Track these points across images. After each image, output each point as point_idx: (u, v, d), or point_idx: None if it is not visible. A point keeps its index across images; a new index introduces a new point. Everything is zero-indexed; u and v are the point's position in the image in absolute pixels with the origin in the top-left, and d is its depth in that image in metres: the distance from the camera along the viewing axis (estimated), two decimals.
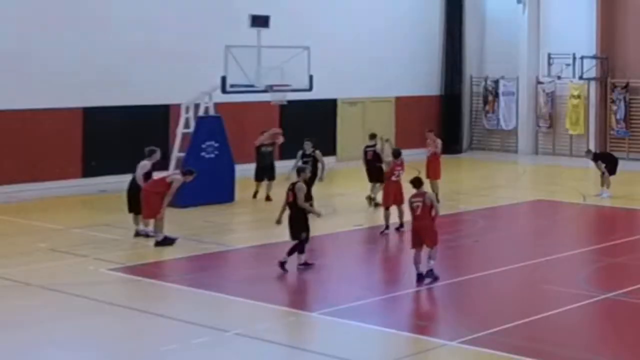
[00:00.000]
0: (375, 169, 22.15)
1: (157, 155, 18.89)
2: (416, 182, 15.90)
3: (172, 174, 19.27)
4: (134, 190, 18.66)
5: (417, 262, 15.46)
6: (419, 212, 15.49)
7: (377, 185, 21.96)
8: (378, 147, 22.54)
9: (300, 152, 22.05)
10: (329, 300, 14.27)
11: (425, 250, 15.49)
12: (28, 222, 20.28)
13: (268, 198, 23.04)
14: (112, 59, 25.83)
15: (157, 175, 18.94)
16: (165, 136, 25.63)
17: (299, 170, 17.10)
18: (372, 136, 22.94)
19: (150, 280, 15.86)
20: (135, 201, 18.54)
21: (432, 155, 23.50)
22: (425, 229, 15.48)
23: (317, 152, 21.96)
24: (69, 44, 25.12)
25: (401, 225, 19.66)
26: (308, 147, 22.06)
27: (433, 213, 15.53)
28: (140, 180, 18.53)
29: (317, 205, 22.79)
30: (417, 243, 15.54)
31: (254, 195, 23.42)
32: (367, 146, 22.74)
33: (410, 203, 15.67)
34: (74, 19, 25.31)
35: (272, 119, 29.48)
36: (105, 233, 19.00)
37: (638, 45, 32.28)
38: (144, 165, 18.68)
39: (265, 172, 23.48)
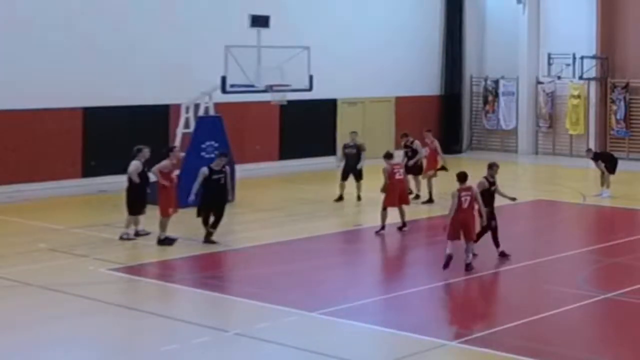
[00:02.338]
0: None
1: (146, 154, 18.83)
2: (462, 177, 16.44)
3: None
4: (133, 192, 18.66)
5: (451, 249, 15.98)
6: (466, 205, 16.08)
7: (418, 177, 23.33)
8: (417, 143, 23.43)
9: (205, 170, 18.38)
10: (329, 300, 14.26)
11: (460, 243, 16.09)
12: (28, 222, 20.28)
13: (359, 198, 23.05)
14: (112, 59, 25.83)
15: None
16: (165, 136, 25.62)
17: (490, 166, 17.61)
18: (405, 135, 23.85)
19: (150, 280, 15.88)
20: (136, 202, 18.57)
21: (430, 155, 23.62)
22: (469, 222, 16.08)
23: (227, 167, 18.64)
24: (68, 44, 25.11)
25: (404, 224, 19.62)
26: (220, 162, 18.54)
27: (476, 207, 16.24)
28: (135, 179, 18.56)
29: (319, 205, 22.87)
30: (456, 235, 16.01)
31: (338, 198, 23.16)
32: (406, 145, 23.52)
33: (459, 197, 16.07)
34: (74, 19, 25.30)
35: (272, 119, 29.53)
36: (105, 233, 19.00)
37: (638, 45, 32.29)
38: (137, 165, 18.66)
39: (348, 173, 23.31)
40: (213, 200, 18.22)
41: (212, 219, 18.22)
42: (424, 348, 12.23)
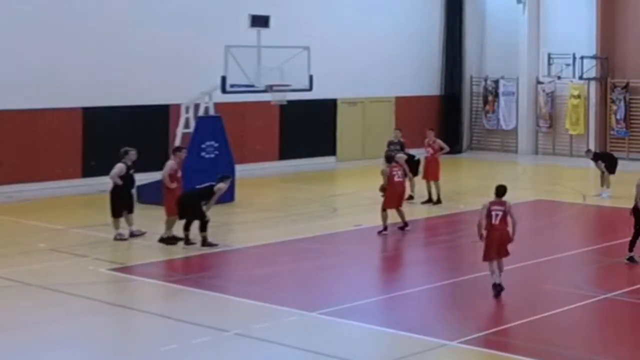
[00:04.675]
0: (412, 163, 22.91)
1: (132, 156, 18.85)
2: (500, 190, 14.90)
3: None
4: (116, 194, 18.65)
5: (494, 271, 14.67)
6: (497, 221, 14.60)
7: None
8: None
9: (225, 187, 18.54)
10: (329, 300, 14.26)
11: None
12: (28, 222, 20.28)
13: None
14: (112, 59, 25.84)
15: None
16: (165, 136, 25.63)
17: None
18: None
19: (150, 280, 15.87)
20: (119, 205, 18.57)
21: (431, 156, 23.50)
22: (502, 239, 14.65)
23: (217, 186, 18.29)
24: (68, 44, 25.12)
25: (405, 224, 19.61)
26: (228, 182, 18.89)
27: (509, 221, 14.65)
28: (117, 181, 18.57)
29: (319, 205, 22.89)
30: (493, 254, 14.63)
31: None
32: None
33: (489, 211, 14.65)
34: (74, 19, 25.32)
35: (272, 119, 29.53)
36: (105, 233, 18.99)
37: (638, 45, 32.29)
38: (120, 168, 18.65)
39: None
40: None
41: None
42: (424, 348, 12.23)
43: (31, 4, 24.65)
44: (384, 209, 19.40)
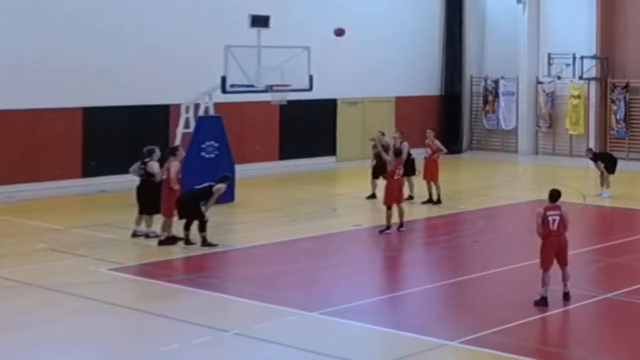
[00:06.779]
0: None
1: (157, 154, 18.90)
2: (554, 195, 14.58)
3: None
4: (154, 191, 18.63)
5: (547, 283, 14.23)
6: (554, 227, 14.28)
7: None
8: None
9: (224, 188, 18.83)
10: (329, 300, 14.27)
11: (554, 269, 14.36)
12: (28, 222, 20.28)
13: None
14: (112, 59, 25.83)
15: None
16: (165, 136, 25.62)
17: None
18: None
19: (150, 280, 15.87)
20: (145, 201, 18.57)
21: (429, 156, 23.45)
22: (561, 246, 14.34)
23: (217, 186, 18.34)
24: (68, 44, 25.12)
25: (401, 225, 19.62)
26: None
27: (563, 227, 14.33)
28: (159, 178, 18.57)
29: (319, 205, 22.88)
30: (550, 262, 14.29)
31: (370, 196, 23.16)
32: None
33: (545, 217, 14.34)
34: (74, 19, 25.31)
35: (272, 119, 29.54)
36: (105, 233, 19.00)
37: (638, 45, 32.29)
38: (154, 165, 18.67)
39: (378, 172, 22.85)
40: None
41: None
42: (424, 348, 12.23)
43: (31, 4, 24.65)
44: (388, 207, 19.36)
